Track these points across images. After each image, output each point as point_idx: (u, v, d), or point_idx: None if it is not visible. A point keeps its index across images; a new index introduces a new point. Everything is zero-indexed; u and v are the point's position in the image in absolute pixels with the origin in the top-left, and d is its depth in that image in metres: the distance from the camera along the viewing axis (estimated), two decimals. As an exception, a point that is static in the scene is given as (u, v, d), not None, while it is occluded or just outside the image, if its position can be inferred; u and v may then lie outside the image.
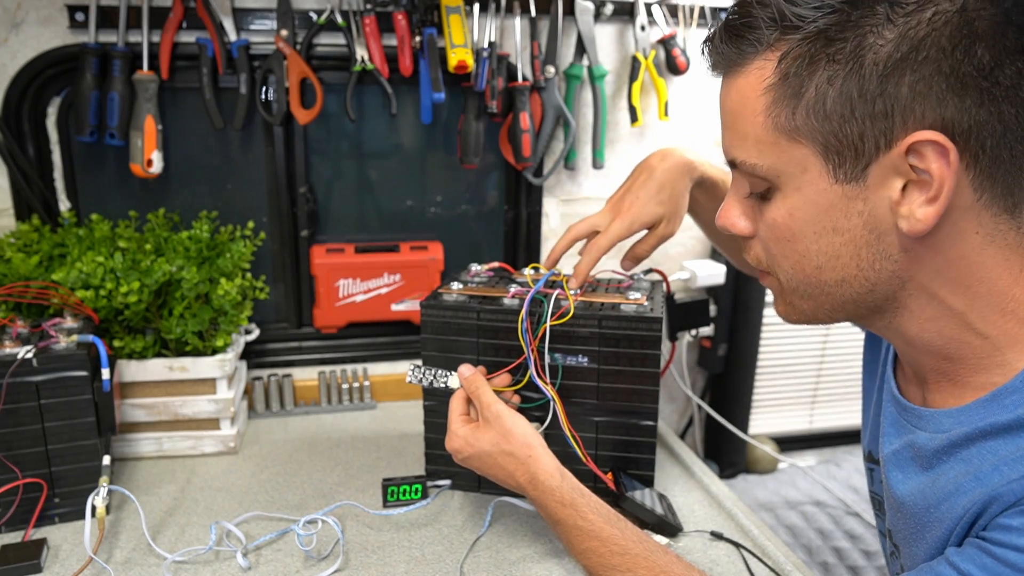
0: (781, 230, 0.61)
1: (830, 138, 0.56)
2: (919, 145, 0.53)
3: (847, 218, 0.57)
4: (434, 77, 1.21)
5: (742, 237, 0.67)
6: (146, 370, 1.06)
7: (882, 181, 0.55)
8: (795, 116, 0.56)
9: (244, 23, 1.20)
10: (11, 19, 1.12)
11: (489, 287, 1.00)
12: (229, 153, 1.29)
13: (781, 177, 0.59)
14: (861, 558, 1.42)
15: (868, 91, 0.53)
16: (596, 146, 1.35)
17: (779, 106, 0.57)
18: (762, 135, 0.59)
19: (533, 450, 0.83)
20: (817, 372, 1.67)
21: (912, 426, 0.65)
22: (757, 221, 0.64)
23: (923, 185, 0.54)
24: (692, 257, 1.50)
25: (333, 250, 1.32)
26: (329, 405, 1.30)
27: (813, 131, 0.56)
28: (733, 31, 0.59)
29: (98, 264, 1.02)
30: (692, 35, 1.36)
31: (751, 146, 0.60)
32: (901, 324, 0.62)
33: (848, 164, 0.56)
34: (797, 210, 0.59)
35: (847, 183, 0.56)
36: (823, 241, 0.59)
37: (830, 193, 0.57)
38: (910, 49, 0.52)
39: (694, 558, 0.89)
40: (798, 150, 0.57)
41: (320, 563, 0.87)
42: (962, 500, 0.56)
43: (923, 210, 0.54)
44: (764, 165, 0.59)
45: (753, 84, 0.59)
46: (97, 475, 0.93)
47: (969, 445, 0.58)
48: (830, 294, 0.61)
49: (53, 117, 1.19)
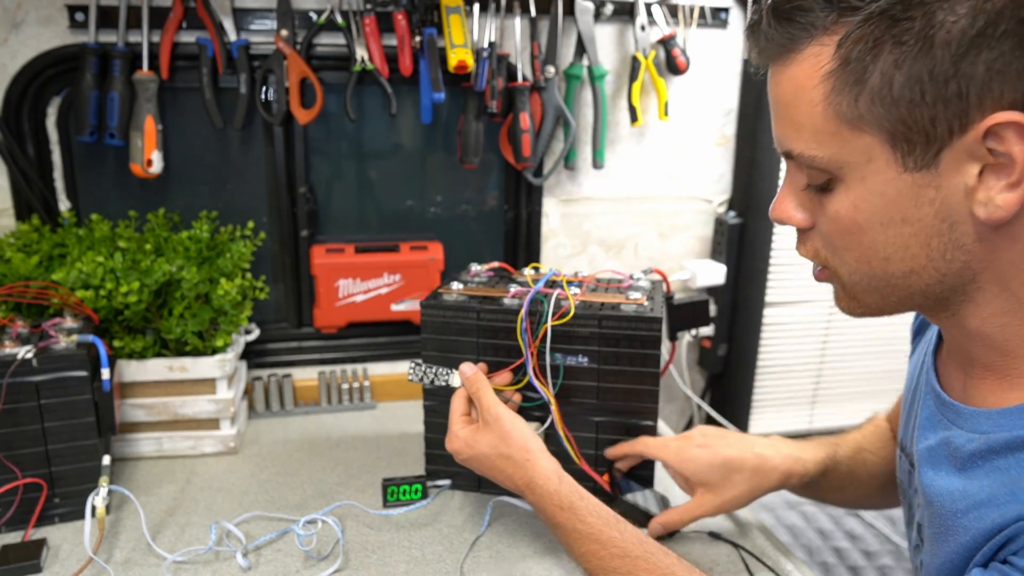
0: (846, 223, 0.57)
1: (898, 125, 0.52)
2: (999, 128, 0.49)
3: (917, 207, 0.54)
4: (434, 77, 1.21)
5: (798, 230, 0.64)
6: (146, 370, 1.06)
7: (956, 167, 0.52)
8: (858, 103, 0.52)
9: (244, 23, 1.20)
10: (11, 19, 1.12)
11: (489, 287, 1.00)
12: (229, 153, 1.29)
13: (844, 168, 0.55)
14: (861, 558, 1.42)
15: (940, 72, 0.49)
16: (596, 146, 1.35)
17: (840, 94, 0.53)
18: (821, 125, 0.55)
19: (531, 454, 0.83)
20: (817, 372, 1.66)
21: (949, 422, 0.63)
22: (816, 213, 0.61)
23: (1002, 169, 0.51)
24: (692, 257, 1.50)
25: (333, 250, 1.32)
26: (329, 405, 1.30)
27: (879, 118, 0.52)
28: (783, 15, 0.55)
29: (98, 264, 1.02)
30: (692, 35, 1.36)
31: (809, 137, 0.56)
32: (965, 316, 0.59)
33: (918, 151, 0.52)
34: (862, 201, 0.56)
35: (917, 171, 0.53)
36: (891, 232, 0.56)
37: (898, 182, 0.54)
38: (986, 24, 0.48)
39: (694, 558, 0.89)
40: (862, 139, 0.54)
41: (320, 563, 0.87)
42: (993, 514, 0.54)
43: (1004, 196, 0.51)
44: (824, 156, 0.56)
45: (808, 72, 0.54)
46: (97, 475, 0.93)
47: (1008, 454, 0.55)
48: (897, 286, 0.58)
49: (53, 117, 1.19)
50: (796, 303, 1.59)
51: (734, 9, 1.38)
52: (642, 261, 1.48)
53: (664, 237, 1.48)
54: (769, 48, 0.57)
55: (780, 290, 1.56)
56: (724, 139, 1.45)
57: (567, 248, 1.44)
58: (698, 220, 1.49)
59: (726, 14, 1.37)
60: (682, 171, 1.45)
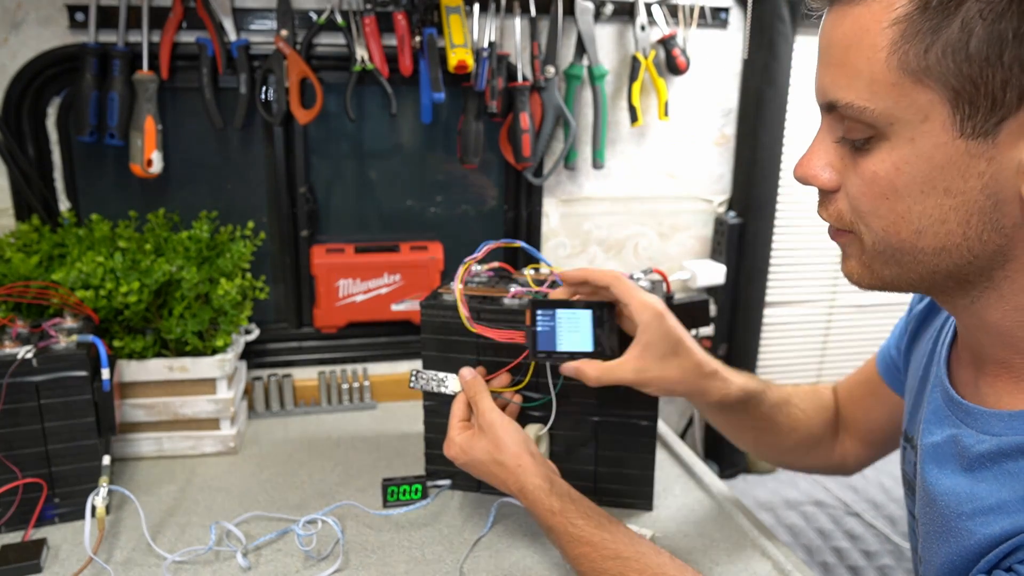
0: (882, 185, 0.53)
1: (966, 83, 0.48)
2: None
3: (964, 179, 0.50)
4: (434, 77, 1.21)
5: (822, 192, 0.60)
6: (146, 370, 1.06)
7: (1015, 140, 0.49)
8: (928, 55, 0.49)
9: (244, 23, 1.20)
10: (11, 19, 1.12)
11: (489, 287, 1.00)
12: (229, 153, 1.29)
13: (895, 125, 0.51)
14: (861, 558, 1.42)
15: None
16: (596, 146, 1.35)
17: (909, 41, 0.49)
18: (881, 74, 0.51)
19: (522, 459, 0.83)
20: (817, 372, 1.67)
21: (959, 420, 0.61)
22: (846, 174, 0.57)
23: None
24: (692, 257, 1.50)
25: (333, 250, 1.32)
26: (329, 405, 1.30)
27: (947, 74, 0.48)
28: None
29: (98, 264, 1.02)
30: (692, 35, 1.36)
31: (863, 86, 0.52)
32: (985, 306, 0.56)
33: (980, 116, 0.49)
34: (906, 164, 0.52)
35: (973, 138, 0.49)
36: (930, 202, 0.52)
37: (950, 148, 0.50)
38: None
39: (694, 558, 0.89)
40: (923, 94, 0.50)
41: (320, 563, 0.87)
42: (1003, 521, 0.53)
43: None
44: (877, 109, 0.51)
45: (878, 14, 0.50)
46: (97, 475, 0.93)
47: (1019, 458, 0.54)
48: (923, 262, 0.55)
49: (53, 117, 1.19)
50: (796, 303, 1.59)
51: (734, 9, 1.38)
52: (642, 261, 1.48)
53: (664, 237, 1.48)
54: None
55: (780, 290, 1.56)
56: (724, 139, 1.45)
57: (567, 248, 1.44)
58: (698, 220, 1.49)
59: (726, 14, 1.37)
60: (682, 171, 1.45)
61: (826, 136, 0.58)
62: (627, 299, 0.81)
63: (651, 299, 0.80)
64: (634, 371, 0.80)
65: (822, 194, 0.60)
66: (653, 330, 0.79)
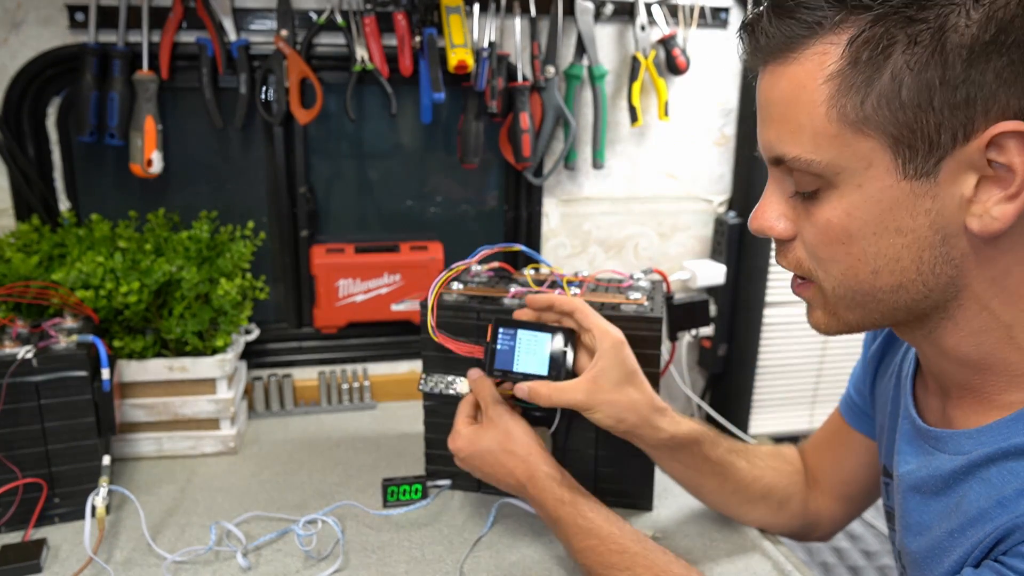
0: (835, 232, 0.56)
1: (903, 129, 0.51)
2: (1002, 137, 0.49)
3: (913, 217, 0.53)
4: (434, 77, 1.20)
5: (779, 241, 0.62)
6: (146, 370, 1.06)
7: (955, 177, 0.51)
8: (864, 105, 0.51)
9: (244, 23, 1.20)
10: (11, 19, 1.12)
11: (489, 287, 1.00)
12: (229, 153, 1.29)
13: (841, 174, 0.54)
14: (861, 558, 1.42)
15: (951, 77, 0.48)
16: (596, 146, 1.35)
17: (845, 95, 0.52)
18: (822, 127, 0.53)
19: (533, 447, 0.84)
20: (817, 372, 1.66)
21: (931, 448, 0.63)
22: (800, 223, 0.59)
23: (998, 182, 0.50)
24: (692, 257, 1.50)
25: (333, 250, 1.32)
26: (329, 405, 1.30)
27: (884, 122, 0.51)
28: (784, 12, 0.53)
29: (98, 264, 1.02)
30: (692, 35, 1.36)
31: (807, 140, 0.54)
32: (942, 335, 0.58)
33: (920, 158, 0.51)
34: (856, 209, 0.54)
35: (916, 179, 0.52)
36: (883, 243, 0.54)
37: (896, 190, 0.52)
38: (998, 30, 0.47)
39: (693, 559, 0.89)
40: (864, 143, 0.52)
41: (320, 563, 0.87)
42: (987, 527, 0.54)
43: (1000, 208, 0.50)
44: (822, 161, 0.54)
45: (812, 71, 0.53)
46: (97, 475, 0.93)
47: (990, 465, 0.55)
48: (882, 300, 0.57)
49: (53, 117, 1.19)
50: (796, 303, 1.59)
51: (734, 9, 1.38)
52: (642, 261, 1.48)
53: (664, 237, 1.48)
54: (768, 47, 0.55)
55: (780, 290, 1.55)
56: (724, 139, 1.45)
57: (567, 248, 1.44)
58: (698, 220, 1.49)
59: (726, 14, 1.37)
60: (682, 171, 1.45)
61: (777, 188, 0.60)
62: (589, 325, 0.83)
63: (612, 328, 0.83)
64: (586, 393, 0.81)
65: (779, 243, 0.62)
66: (610, 357, 0.81)
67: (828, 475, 0.89)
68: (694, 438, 0.84)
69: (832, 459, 0.88)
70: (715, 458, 0.86)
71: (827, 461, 0.89)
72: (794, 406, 1.69)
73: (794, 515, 0.90)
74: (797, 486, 0.90)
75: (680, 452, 0.85)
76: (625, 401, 0.81)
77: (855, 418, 0.85)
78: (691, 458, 0.85)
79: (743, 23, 0.58)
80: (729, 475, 0.87)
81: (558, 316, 0.86)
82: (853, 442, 0.85)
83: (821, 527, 0.91)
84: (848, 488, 0.87)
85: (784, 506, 0.89)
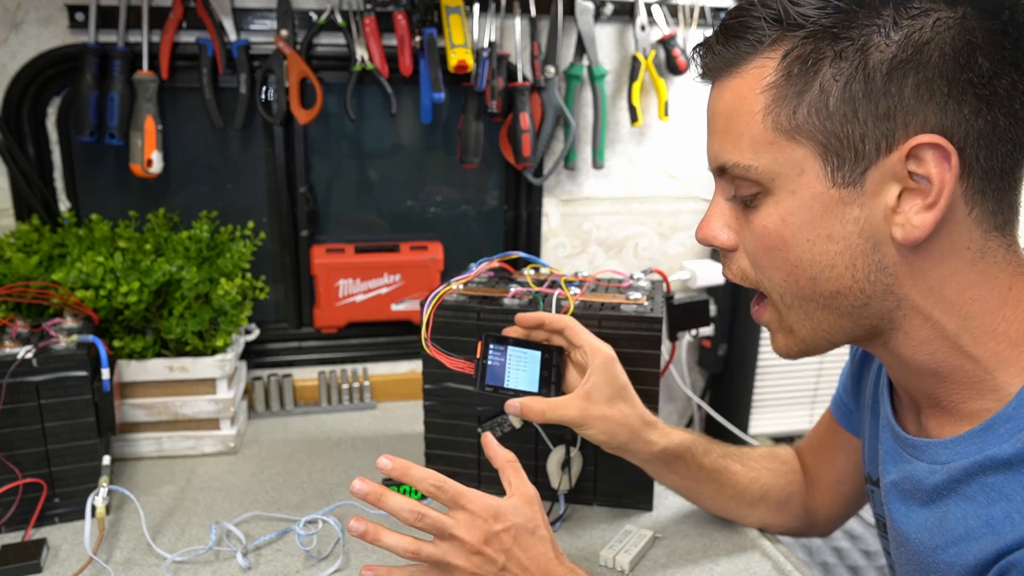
0: (772, 237, 0.59)
1: (831, 138, 0.55)
2: (919, 149, 0.53)
3: (842, 224, 0.56)
4: (434, 77, 1.21)
5: (723, 251, 0.65)
6: (146, 370, 1.06)
7: (879, 187, 0.55)
8: (796, 115, 0.55)
9: (244, 23, 1.20)
10: (11, 19, 1.12)
11: (489, 287, 1.00)
12: (229, 153, 1.29)
13: (777, 180, 0.58)
14: (861, 558, 1.42)
15: (872, 91, 0.53)
16: (596, 146, 1.35)
17: (779, 105, 0.56)
18: (759, 135, 0.57)
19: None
20: (817, 372, 1.66)
21: (910, 456, 0.64)
22: (742, 232, 0.63)
23: (919, 193, 0.54)
24: (692, 257, 1.50)
25: (333, 250, 1.32)
26: (329, 405, 1.30)
27: (814, 130, 0.55)
28: (731, 32, 0.58)
29: (98, 264, 1.02)
30: (692, 35, 1.36)
31: (746, 147, 0.59)
32: (897, 346, 0.61)
33: (847, 167, 0.55)
34: (790, 215, 0.58)
35: (844, 187, 0.55)
36: (817, 249, 0.58)
37: (826, 197, 0.56)
38: (915, 51, 0.52)
39: (693, 559, 0.89)
40: (797, 150, 0.56)
41: (320, 563, 0.87)
42: (973, 548, 0.54)
43: (920, 216, 0.54)
44: (759, 167, 0.58)
45: (751, 83, 0.58)
46: (97, 475, 0.93)
47: (970, 480, 0.56)
48: (826, 307, 0.60)
49: (53, 117, 1.19)
50: (796, 303, 1.59)
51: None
52: (642, 261, 1.48)
53: (664, 237, 1.48)
54: (716, 63, 0.60)
55: (780, 290, 1.56)
56: (724, 139, 1.45)
57: (567, 248, 1.44)
58: (698, 220, 1.48)
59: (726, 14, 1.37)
60: (682, 171, 1.45)
61: (720, 199, 0.65)
62: (579, 342, 0.83)
63: (603, 344, 0.83)
64: (579, 409, 0.81)
65: (724, 255, 0.66)
66: (602, 373, 0.81)
67: (823, 474, 0.89)
68: (686, 447, 0.85)
69: (825, 459, 0.89)
70: (709, 465, 0.87)
71: (821, 461, 0.90)
72: (794, 406, 1.69)
73: (794, 515, 0.91)
74: (795, 485, 0.91)
75: (674, 463, 0.86)
76: (618, 416, 0.81)
77: (845, 418, 0.86)
78: (685, 468, 0.86)
79: (698, 44, 0.63)
80: (725, 480, 0.88)
81: (548, 334, 0.87)
82: (844, 442, 0.86)
83: (820, 525, 0.92)
84: (843, 487, 0.88)
85: (783, 506, 0.90)
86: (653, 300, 0.95)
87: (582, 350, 0.83)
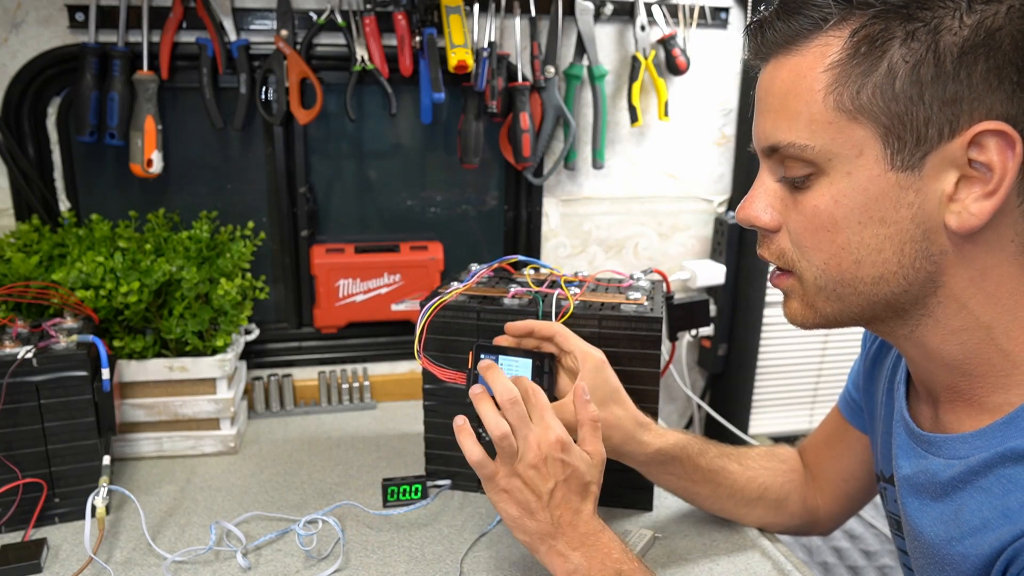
0: (823, 218, 0.58)
1: (894, 120, 0.53)
2: (983, 136, 0.52)
3: (896, 209, 0.55)
4: (434, 77, 1.21)
5: (763, 232, 0.64)
6: (146, 370, 1.06)
7: (937, 173, 0.54)
8: (860, 95, 0.54)
9: (244, 23, 1.20)
10: (11, 19, 1.12)
11: (489, 287, 1.00)
12: (229, 153, 1.29)
13: (833, 160, 0.56)
14: (861, 558, 1.42)
15: (941, 74, 0.52)
16: (596, 146, 1.35)
17: (843, 84, 0.54)
18: (819, 114, 0.56)
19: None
20: (817, 372, 1.67)
21: (925, 452, 0.64)
22: (787, 213, 0.61)
23: (977, 180, 0.53)
24: (692, 257, 1.50)
25: (333, 250, 1.32)
26: (329, 405, 1.30)
27: (877, 111, 0.54)
28: (795, 9, 0.57)
29: (98, 264, 1.02)
30: (692, 35, 1.36)
31: (803, 126, 0.57)
32: (924, 334, 0.60)
33: (907, 150, 0.54)
34: (844, 197, 0.56)
35: (902, 171, 0.54)
36: (867, 232, 0.56)
37: (883, 180, 0.55)
38: (987, 36, 0.51)
39: (693, 559, 0.89)
40: (857, 131, 0.55)
41: (320, 563, 0.87)
42: (989, 538, 0.54)
43: (978, 204, 0.53)
44: (816, 146, 0.56)
45: (812, 62, 0.56)
46: (97, 475, 0.93)
47: (987, 472, 0.56)
48: (863, 293, 0.59)
49: (53, 117, 1.19)
50: (796, 303, 1.59)
51: (734, 9, 1.38)
52: (642, 261, 1.48)
53: (664, 237, 1.48)
54: (774, 41, 0.58)
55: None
56: (724, 139, 1.45)
57: (567, 248, 1.44)
58: (698, 220, 1.49)
59: (726, 14, 1.37)
60: (682, 171, 1.45)
61: (766, 179, 0.63)
62: (570, 347, 0.83)
63: (593, 349, 0.83)
64: (571, 414, 0.80)
65: (762, 235, 0.64)
66: (593, 377, 0.81)
67: (827, 472, 0.89)
68: (681, 448, 0.85)
69: (831, 456, 0.89)
70: (705, 465, 0.87)
71: (826, 458, 0.89)
72: (794, 406, 1.70)
73: (793, 514, 0.91)
74: (794, 484, 0.91)
75: (669, 464, 0.85)
76: (611, 419, 0.82)
77: (854, 416, 0.85)
78: (681, 468, 0.86)
79: (751, 22, 0.61)
80: (722, 480, 0.88)
81: (538, 341, 0.87)
82: (852, 439, 0.86)
83: (821, 524, 0.92)
84: (847, 485, 0.88)
85: (782, 505, 0.90)
86: (653, 300, 0.95)
87: (572, 355, 0.83)
